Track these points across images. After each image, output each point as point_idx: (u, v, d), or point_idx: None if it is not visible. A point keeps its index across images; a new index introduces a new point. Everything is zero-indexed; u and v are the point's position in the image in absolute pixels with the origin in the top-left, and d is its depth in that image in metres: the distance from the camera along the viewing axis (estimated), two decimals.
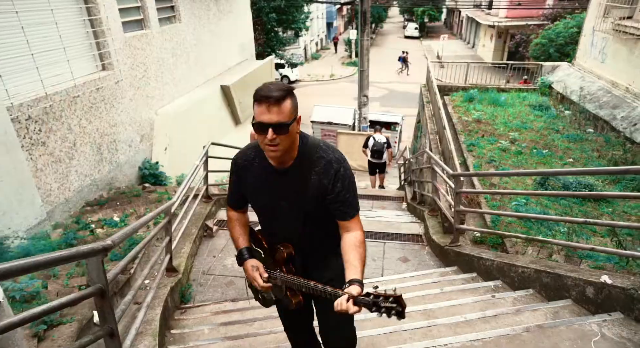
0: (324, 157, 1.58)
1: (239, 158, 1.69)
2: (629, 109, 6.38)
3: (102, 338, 1.67)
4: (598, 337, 2.40)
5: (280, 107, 1.39)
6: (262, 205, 1.69)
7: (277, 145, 1.43)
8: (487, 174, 4.98)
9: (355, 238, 1.59)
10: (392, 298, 1.30)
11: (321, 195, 1.59)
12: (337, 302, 1.40)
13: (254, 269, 1.71)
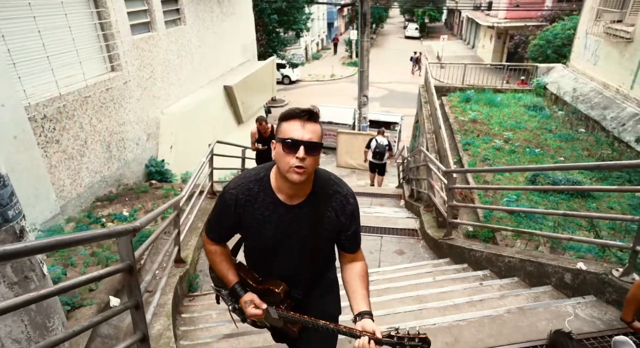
0: (340, 192, 1.49)
1: (240, 193, 1.47)
2: (618, 110, 6.62)
3: (129, 309, 1.92)
4: (572, 316, 2.64)
5: (315, 126, 1.33)
6: (264, 243, 1.52)
7: (304, 169, 1.31)
8: (475, 171, 5.24)
9: (362, 268, 1.56)
10: (418, 338, 1.27)
11: (336, 232, 1.52)
12: (359, 343, 1.32)
13: (248, 304, 1.58)
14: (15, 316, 1.64)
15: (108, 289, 3.46)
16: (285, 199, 1.45)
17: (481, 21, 26.79)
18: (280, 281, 1.58)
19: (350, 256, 1.58)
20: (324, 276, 1.70)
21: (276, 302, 1.57)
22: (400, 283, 3.77)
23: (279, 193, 1.44)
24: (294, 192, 1.43)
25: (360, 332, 1.33)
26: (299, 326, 1.60)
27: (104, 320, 1.75)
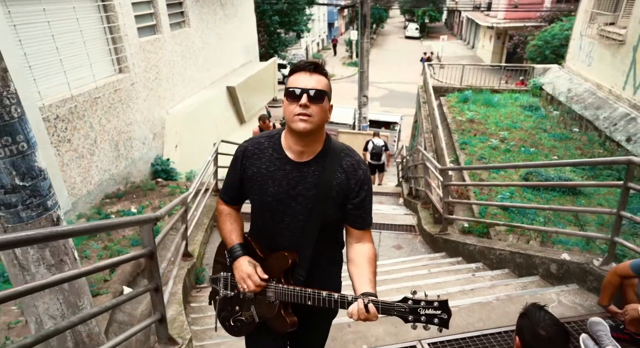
0: (351, 156, 1.45)
1: (250, 145, 1.48)
2: (610, 110, 6.81)
3: (150, 291, 2.12)
4: (555, 303, 2.84)
5: (319, 77, 1.33)
6: (267, 201, 1.43)
7: (309, 116, 1.29)
8: (468, 168, 5.45)
9: (370, 251, 1.46)
10: (437, 303, 1.18)
11: (344, 197, 1.42)
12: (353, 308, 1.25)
13: (250, 265, 1.44)
14: (52, 295, 1.85)
15: (121, 280, 3.68)
16: (294, 157, 1.41)
17: (480, 21, 26.99)
18: (292, 251, 1.45)
19: (358, 233, 1.48)
20: (330, 256, 1.56)
21: (281, 271, 1.43)
22: (397, 275, 3.98)
23: (287, 151, 1.42)
24: (302, 148, 1.39)
25: (362, 298, 1.24)
26: (293, 320, 1.46)
27: (129, 299, 1.96)
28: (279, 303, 1.44)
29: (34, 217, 1.71)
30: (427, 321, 1.17)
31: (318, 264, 1.51)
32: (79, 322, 1.74)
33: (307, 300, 1.37)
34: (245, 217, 1.58)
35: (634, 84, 6.59)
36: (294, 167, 1.40)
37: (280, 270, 1.43)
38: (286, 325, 1.45)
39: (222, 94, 9.40)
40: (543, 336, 1.44)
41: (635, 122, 6.14)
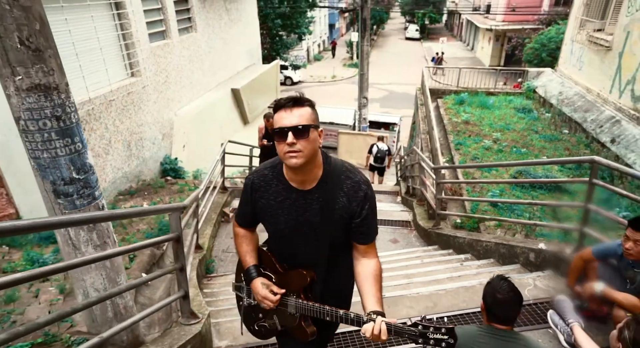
0: (351, 178, 1.50)
1: (255, 178, 1.57)
2: (597, 113, 7.16)
3: (176, 270, 2.47)
4: (531, 286, 3.19)
5: (300, 110, 1.37)
6: (280, 229, 1.54)
7: (298, 152, 1.36)
8: (458, 167, 5.82)
9: (376, 266, 1.54)
10: (445, 329, 1.26)
11: (348, 218, 1.50)
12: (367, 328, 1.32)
13: (264, 287, 1.57)
14: (97, 271, 2.19)
15: (140, 268, 4.03)
16: (297, 185, 1.49)
17: (479, 24, 27.31)
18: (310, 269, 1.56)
19: (362, 248, 1.55)
20: (344, 273, 1.63)
21: (299, 289, 1.55)
22: (393, 265, 4.33)
23: (291, 181, 1.49)
24: (302, 178, 1.47)
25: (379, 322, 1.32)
26: (313, 329, 1.57)
27: (160, 275, 2.32)
28: (299, 316, 1.55)
29: (85, 205, 2.07)
30: (435, 344, 1.26)
31: (333, 278, 1.60)
32: (117, 292, 2.11)
33: (326, 316, 1.46)
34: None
35: (619, 88, 6.93)
36: (299, 195, 1.48)
37: (299, 286, 1.55)
38: (306, 335, 1.56)
39: (227, 96, 9.75)
40: (499, 299, 1.78)
41: (619, 124, 6.48)
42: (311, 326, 1.57)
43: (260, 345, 2.80)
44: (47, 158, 1.91)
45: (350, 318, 1.39)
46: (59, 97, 1.87)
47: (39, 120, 1.84)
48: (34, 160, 1.92)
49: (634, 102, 6.49)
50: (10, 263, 3.45)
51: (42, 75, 1.78)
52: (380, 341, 1.31)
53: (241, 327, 1.80)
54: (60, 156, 1.93)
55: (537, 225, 3.69)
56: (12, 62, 1.69)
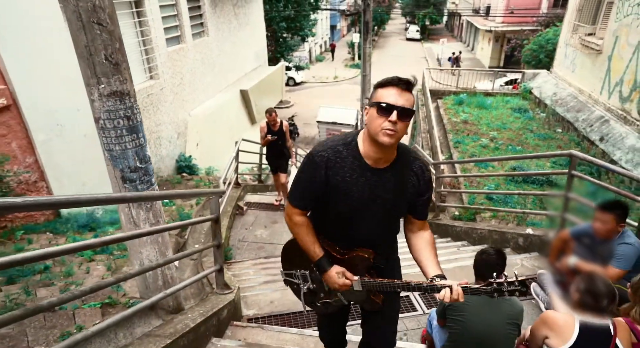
0: (419, 159, 1.59)
1: (330, 154, 1.52)
2: (588, 113, 7.59)
3: (213, 247, 2.92)
4: (519, 265, 3.63)
5: (409, 95, 1.41)
6: (353, 207, 1.55)
7: (395, 132, 1.38)
8: (454, 162, 6.27)
9: (431, 236, 1.67)
10: (517, 282, 1.36)
11: (416, 196, 1.58)
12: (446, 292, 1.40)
13: (340, 275, 1.62)
14: (152, 245, 2.63)
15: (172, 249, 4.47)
16: (372, 163, 1.51)
17: (479, 25, 27.72)
18: (368, 249, 1.62)
19: (419, 223, 1.66)
20: (394, 246, 1.75)
21: (364, 270, 1.62)
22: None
23: (366, 158, 1.51)
24: (380, 156, 1.49)
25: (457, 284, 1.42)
26: (381, 297, 1.66)
27: (203, 249, 2.75)
28: (366, 291, 1.65)
29: (144, 189, 2.51)
30: (510, 294, 1.37)
31: (392, 254, 1.74)
32: (169, 261, 2.56)
33: (397, 288, 1.57)
34: None
35: (608, 89, 7.36)
36: (374, 174, 1.51)
37: (364, 267, 1.63)
38: (376, 304, 1.68)
39: (236, 96, 10.20)
40: (485, 259, 2.22)
41: (608, 123, 6.92)
42: (379, 296, 1.67)
43: (282, 313, 3.25)
44: (118, 150, 2.35)
45: (423, 287, 1.49)
46: (129, 101, 2.31)
47: (114, 120, 2.28)
48: (108, 152, 2.36)
49: (621, 103, 6.93)
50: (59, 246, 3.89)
51: (119, 83, 2.22)
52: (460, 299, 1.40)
53: (303, 305, 1.89)
54: (128, 149, 2.37)
55: (526, 213, 4.13)
56: (98, 73, 2.13)
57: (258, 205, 6.70)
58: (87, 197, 1.77)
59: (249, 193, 7.18)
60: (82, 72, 2.18)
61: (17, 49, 4.21)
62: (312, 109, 19.43)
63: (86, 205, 1.98)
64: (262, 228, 5.92)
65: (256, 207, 6.62)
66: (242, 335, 2.76)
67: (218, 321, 2.74)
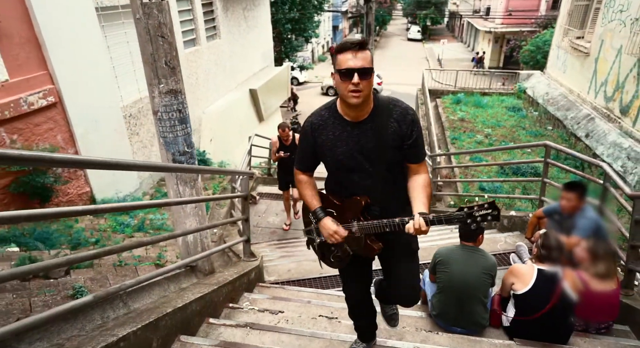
0: (399, 106, 1.67)
1: (314, 119, 1.74)
2: (576, 111, 8.13)
3: (242, 220, 3.48)
4: (502, 242, 4.19)
5: (364, 54, 1.50)
6: (339, 159, 1.70)
7: (360, 91, 1.51)
8: (447, 154, 6.84)
9: (424, 179, 1.71)
10: (487, 204, 1.40)
11: (400, 141, 1.66)
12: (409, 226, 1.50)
13: (334, 223, 1.77)
14: (193, 217, 3.19)
15: None
16: (352, 119, 1.65)
17: (479, 26, 28.23)
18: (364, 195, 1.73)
19: (413, 167, 1.73)
20: (398, 196, 1.76)
21: (358, 212, 1.74)
22: None
23: (344, 115, 1.66)
24: (356, 113, 1.63)
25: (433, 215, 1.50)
26: (379, 245, 1.75)
27: (234, 221, 3.31)
28: (364, 236, 1.75)
29: None
30: (482, 220, 1.42)
31: (391, 204, 1.75)
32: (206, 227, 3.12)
33: (385, 228, 1.65)
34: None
35: (595, 90, 7.91)
36: (354, 127, 1.66)
37: (357, 211, 1.74)
38: (374, 250, 1.77)
39: (245, 95, 10.77)
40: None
41: (593, 121, 7.46)
42: (377, 242, 1.75)
43: (299, 279, 3.81)
44: (171, 137, 2.91)
45: (405, 222, 1.56)
46: (181, 97, 2.87)
47: (169, 113, 2.84)
48: (163, 138, 2.92)
49: (606, 102, 7.47)
50: (101, 226, 4.46)
51: (174, 83, 2.78)
52: (424, 233, 1.51)
53: (320, 263, 2.05)
54: (179, 136, 2.93)
55: (510, 197, 4.69)
56: (159, 76, 2.69)
57: (269, 195, 7.25)
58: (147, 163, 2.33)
59: (260, 184, 7.74)
60: (146, 74, 2.74)
61: (62, 55, 4.78)
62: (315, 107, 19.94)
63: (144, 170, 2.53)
64: (274, 216, 6.47)
65: (267, 197, 7.18)
66: (268, 293, 3.32)
67: (248, 280, 3.31)
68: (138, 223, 4.62)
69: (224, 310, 2.80)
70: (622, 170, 6.03)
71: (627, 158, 6.07)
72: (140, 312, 2.08)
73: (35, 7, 4.33)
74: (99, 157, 1.72)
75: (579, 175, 3.61)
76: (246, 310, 2.81)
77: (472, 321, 2.66)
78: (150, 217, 4.90)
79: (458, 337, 2.57)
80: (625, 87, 6.74)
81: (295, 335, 2.39)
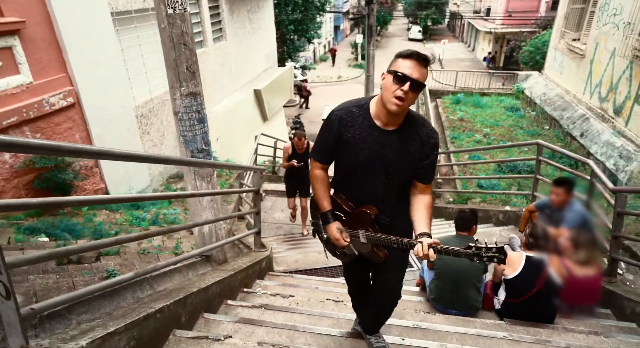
0: (426, 126, 1.72)
1: (343, 114, 1.72)
2: (572, 111, 8.37)
3: (253, 213, 3.74)
4: (497, 235, 4.44)
5: (425, 70, 1.54)
6: (359, 161, 1.71)
7: (404, 101, 1.52)
8: (444, 153, 7.09)
9: (429, 200, 1.76)
10: (495, 248, 1.43)
11: (419, 159, 1.70)
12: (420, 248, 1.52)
13: (338, 231, 1.81)
14: (209, 210, 3.45)
15: None
16: (381, 125, 1.67)
17: (479, 26, 28.46)
18: (372, 206, 1.77)
19: (421, 187, 1.77)
20: (405, 209, 1.80)
21: (367, 223, 1.77)
22: None
23: (376, 119, 1.68)
24: (388, 120, 1.65)
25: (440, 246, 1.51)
26: (385, 252, 1.78)
27: (247, 213, 3.56)
28: (370, 244, 1.80)
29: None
30: (488, 260, 1.45)
31: (400, 213, 1.80)
32: (222, 219, 3.38)
33: (392, 244, 1.68)
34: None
35: (590, 90, 8.15)
36: (381, 134, 1.68)
37: (366, 222, 1.78)
38: (379, 257, 1.80)
39: (250, 96, 11.02)
40: (460, 214, 3.02)
41: (588, 121, 7.70)
42: (382, 250, 1.79)
43: (306, 269, 4.06)
44: (190, 135, 3.17)
45: (407, 244, 1.63)
46: (199, 99, 3.13)
47: (189, 113, 3.09)
48: (182, 137, 3.18)
49: (600, 103, 7.71)
50: (117, 220, 4.72)
51: (194, 86, 3.04)
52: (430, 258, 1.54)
53: (325, 253, 2.12)
54: (197, 135, 3.19)
55: (505, 193, 4.94)
56: (180, 79, 2.95)
57: (274, 192, 7.52)
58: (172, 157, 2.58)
59: (265, 182, 8.00)
60: (169, 78, 3.00)
61: (80, 58, 5.02)
62: (318, 107, 20.24)
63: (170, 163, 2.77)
64: (279, 212, 6.73)
65: (273, 194, 7.44)
66: (278, 280, 3.58)
67: (259, 268, 3.56)
68: (152, 217, 4.87)
69: (239, 294, 3.06)
70: (614, 168, 6.28)
71: (619, 156, 6.32)
72: (170, 291, 2.33)
73: (57, 12, 4.59)
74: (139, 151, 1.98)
75: (569, 171, 3.86)
76: (259, 294, 3.07)
77: (466, 304, 2.91)
78: (163, 211, 5.16)
79: (453, 318, 2.82)
80: (619, 88, 6.98)
81: (306, 315, 2.64)
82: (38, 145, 1.51)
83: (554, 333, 2.58)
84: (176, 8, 2.75)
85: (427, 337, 2.39)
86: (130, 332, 1.77)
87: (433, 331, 2.48)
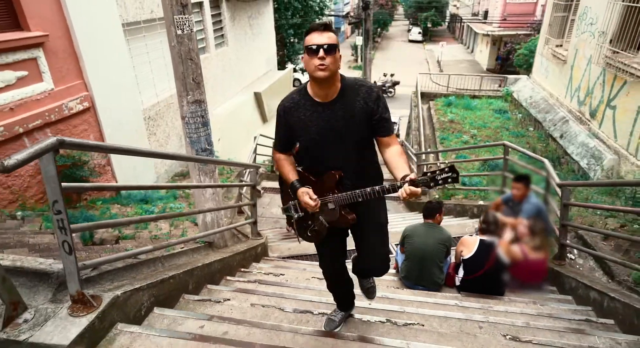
0: (365, 85, 1.80)
1: (286, 102, 1.85)
2: (554, 114, 8.86)
3: (250, 205, 4.24)
4: (470, 226, 4.94)
5: (329, 33, 1.65)
6: (312, 137, 1.81)
7: (325, 66, 1.63)
8: (427, 153, 7.60)
9: (398, 149, 1.82)
10: (447, 168, 1.53)
11: (368, 117, 1.77)
12: (401, 191, 1.59)
13: (304, 194, 1.84)
14: (211, 202, 3.95)
15: None
16: (321, 99, 1.77)
17: (477, 29, 28.91)
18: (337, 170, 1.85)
19: (384, 140, 1.84)
20: (369, 172, 1.92)
21: (333, 184, 1.85)
22: None
23: (315, 97, 1.78)
24: (325, 92, 1.75)
25: (400, 182, 1.61)
26: (352, 215, 1.87)
27: (245, 205, 4.07)
28: (338, 208, 1.87)
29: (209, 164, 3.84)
30: (444, 182, 1.54)
31: (362, 177, 1.88)
32: (223, 208, 3.89)
33: (358, 197, 1.77)
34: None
35: (570, 94, 8.63)
36: (324, 107, 1.78)
37: (332, 185, 1.87)
38: (348, 220, 1.88)
39: (250, 98, 11.54)
40: (427, 205, 3.53)
41: (567, 123, 8.19)
42: (350, 213, 1.88)
43: (297, 255, 4.57)
44: (195, 137, 3.68)
45: (386, 188, 1.69)
46: (204, 105, 3.64)
47: (194, 118, 3.61)
48: (189, 138, 3.69)
49: (579, 106, 8.19)
50: (129, 213, 5.24)
51: (199, 94, 3.55)
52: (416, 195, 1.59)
53: (297, 237, 2.17)
54: (202, 136, 3.70)
55: (479, 189, 5.45)
56: (187, 89, 3.46)
57: (272, 189, 8.02)
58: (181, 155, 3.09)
59: (264, 180, 8.52)
60: (177, 88, 3.51)
61: (95, 66, 5.54)
62: None
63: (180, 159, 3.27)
64: (277, 208, 7.24)
65: (270, 191, 7.95)
66: (272, 263, 4.09)
67: (255, 253, 4.07)
68: (160, 211, 5.39)
69: (237, 273, 3.57)
70: (587, 167, 6.76)
71: (591, 157, 6.80)
72: (180, 265, 2.85)
73: (75, 26, 5.11)
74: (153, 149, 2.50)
75: (529, 168, 4.36)
76: (255, 273, 3.58)
77: (431, 280, 3.41)
78: (170, 205, 5.67)
79: (418, 292, 3.32)
80: (594, 93, 7.46)
81: (293, 288, 3.15)
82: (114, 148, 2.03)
83: (500, 303, 3.07)
84: (184, 29, 3.27)
85: (392, 303, 2.89)
86: (150, 291, 2.28)
87: (398, 300, 2.98)
